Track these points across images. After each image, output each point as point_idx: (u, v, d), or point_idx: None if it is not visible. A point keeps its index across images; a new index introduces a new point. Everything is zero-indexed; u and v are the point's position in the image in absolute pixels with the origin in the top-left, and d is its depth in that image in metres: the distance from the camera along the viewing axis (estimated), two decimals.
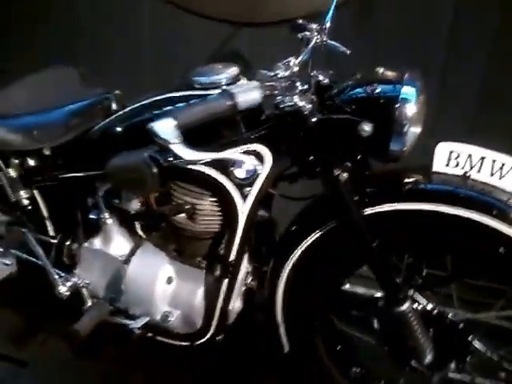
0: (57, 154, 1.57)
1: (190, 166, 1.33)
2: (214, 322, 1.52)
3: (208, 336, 1.54)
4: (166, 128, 1.09)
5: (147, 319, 1.52)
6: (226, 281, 1.47)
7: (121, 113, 1.49)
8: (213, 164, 1.32)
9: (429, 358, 1.37)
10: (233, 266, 1.44)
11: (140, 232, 1.58)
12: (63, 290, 1.61)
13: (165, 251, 1.54)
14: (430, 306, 1.37)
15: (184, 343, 1.58)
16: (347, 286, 1.49)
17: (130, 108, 1.46)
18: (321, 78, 1.32)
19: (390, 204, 1.27)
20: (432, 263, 1.37)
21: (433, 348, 1.36)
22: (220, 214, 1.41)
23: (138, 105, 1.44)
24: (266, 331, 1.55)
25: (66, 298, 1.62)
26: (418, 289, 1.37)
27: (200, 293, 1.50)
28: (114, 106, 1.56)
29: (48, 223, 1.70)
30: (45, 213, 1.68)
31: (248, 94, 1.12)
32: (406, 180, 1.27)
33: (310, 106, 1.22)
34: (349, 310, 1.50)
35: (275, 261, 1.46)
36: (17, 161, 1.61)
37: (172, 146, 1.11)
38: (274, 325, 1.51)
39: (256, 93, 1.14)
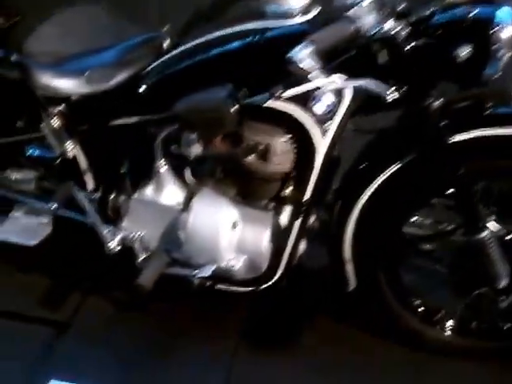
0: (106, 98, 1.47)
1: (267, 103, 1.27)
2: (282, 266, 1.49)
3: (274, 280, 1.52)
4: (306, 56, 1.04)
5: (214, 267, 1.48)
6: (297, 222, 1.44)
7: (179, 50, 1.40)
8: (293, 99, 1.27)
9: (504, 283, 1.40)
10: (307, 207, 1.41)
11: (197, 178, 1.52)
12: (114, 245, 1.55)
13: (226, 196, 1.49)
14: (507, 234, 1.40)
15: (247, 289, 1.56)
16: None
17: (191, 44, 1.38)
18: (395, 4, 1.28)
19: (476, 130, 1.26)
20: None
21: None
22: (295, 152, 1.36)
23: (203, 40, 1.36)
24: (331, 269, 1.54)
25: (115, 253, 1.56)
26: (497, 216, 1.39)
27: (267, 236, 1.47)
28: (165, 44, 1.47)
29: (91, 176, 1.61)
30: (88, 165, 1.59)
31: (368, 18, 1.08)
32: (489, 105, 1.27)
33: (404, 32, 1.18)
34: (418, 243, 1.51)
35: (346, 197, 1.44)
36: (62, 109, 1.50)
37: (314, 74, 1.07)
38: (340, 262, 1.50)
39: (373, 17, 1.09)
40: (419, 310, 1.56)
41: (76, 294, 1.77)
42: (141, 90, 1.43)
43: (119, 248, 1.56)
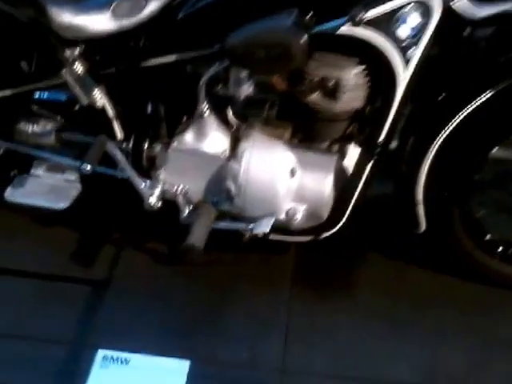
0: (137, 35, 1.27)
1: (341, 30, 1.08)
2: (347, 213, 1.34)
3: (338, 227, 1.37)
4: None
5: (272, 221, 1.33)
6: (368, 166, 1.27)
7: None
8: (372, 22, 1.08)
9: None
10: (382, 147, 1.24)
11: (247, 122, 1.33)
12: (153, 200, 1.38)
13: (282, 140, 1.32)
14: None
15: (306, 238, 1.41)
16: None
17: None
18: None
19: None
20: None
21: None
22: (369, 87, 1.18)
23: None
24: (402, 210, 1.40)
25: (157, 209, 1.40)
26: None
27: (331, 182, 1.31)
28: None
29: (121, 125, 1.42)
30: (118, 113, 1.40)
31: None
32: None
33: None
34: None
35: (422, 135, 1.28)
36: (85, 51, 1.29)
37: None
38: (411, 204, 1.35)
39: None
40: (491, 246, 1.44)
41: (112, 250, 1.60)
42: (180, 21, 1.22)
43: (160, 204, 1.40)
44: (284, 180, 1.31)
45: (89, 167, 1.29)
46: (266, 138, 1.32)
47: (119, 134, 1.43)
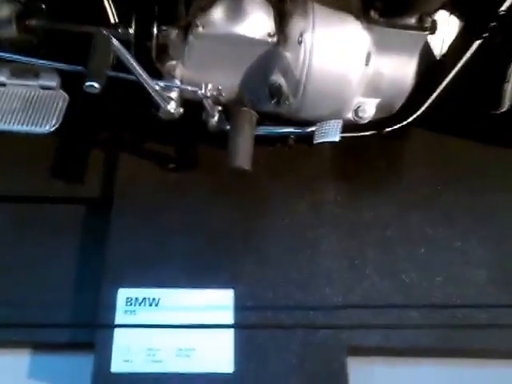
0: None
1: None
2: (426, 103, 1.07)
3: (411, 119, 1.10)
4: None
5: (341, 125, 1.03)
6: (470, 48, 0.99)
7: None
8: None
9: None
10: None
11: None
12: (173, 106, 1.03)
13: (352, 15, 0.99)
14: None
15: (365, 133, 1.13)
16: None
17: None
18: None
19: None
20: None
21: None
22: None
23: None
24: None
25: (178, 116, 1.05)
26: None
27: (414, 67, 1.03)
28: None
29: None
30: None
31: None
32: None
33: None
34: None
35: None
36: None
37: None
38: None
39: None
40: None
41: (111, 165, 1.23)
42: None
43: (182, 110, 1.05)
44: (356, 69, 1.01)
45: (96, 85, 0.89)
46: (331, 13, 1.00)
47: (112, 16, 1.04)
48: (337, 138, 1.01)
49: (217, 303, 1.02)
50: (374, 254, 1.10)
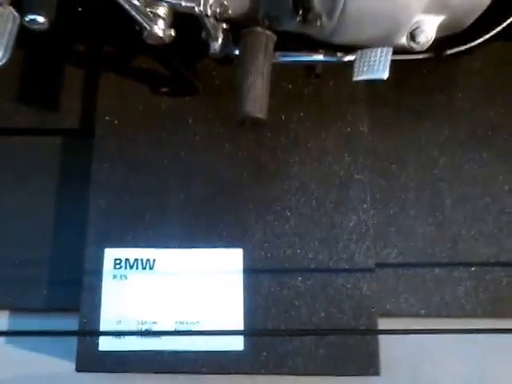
0: None
1: None
2: None
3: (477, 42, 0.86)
4: None
5: (390, 55, 0.79)
6: None
7: None
8: None
9: None
10: None
11: None
12: (162, 27, 0.78)
13: None
14: None
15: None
16: None
17: None
18: None
19: None
20: None
21: None
22: None
23: None
24: None
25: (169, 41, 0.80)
26: None
27: None
28: None
29: None
30: None
31: None
32: None
33: None
34: None
35: None
36: None
37: None
38: None
39: None
40: None
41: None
42: None
43: (173, 32, 0.80)
44: None
45: (41, 18, 0.64)
46: None
47: None
48: (385, 75, 0.78)
49: (224, 265, 0.85)
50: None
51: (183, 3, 0.73)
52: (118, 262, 0.84)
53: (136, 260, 0.85)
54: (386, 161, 0.91)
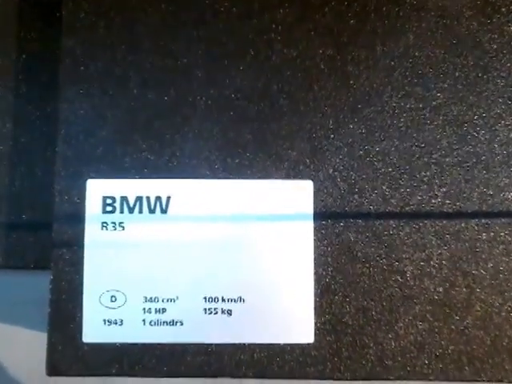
0: None
1: None
2: None
3: None
4: None
5: None
6: None
7: None
8: None
9: None
10: None
11: None
12: None
13: None
14: None
15: None
16: None
17: None
18: None
19: None
20: None
21: None
22: None
23: None
24: None
25: None
26: None
27: None
28: None
29: None
30: None
31: None
32: None
33: None
34: None
35: None
36: None
37: None
38: None
39: None
40: None
41: None
42: None
43: None
44: None
45: None
46: None
47: None
48: None
49: (284, 205, 0.52)
50: None
51: None
52: (108, 201, 0.51)
53: (139, 198, 0.51)
54: None
